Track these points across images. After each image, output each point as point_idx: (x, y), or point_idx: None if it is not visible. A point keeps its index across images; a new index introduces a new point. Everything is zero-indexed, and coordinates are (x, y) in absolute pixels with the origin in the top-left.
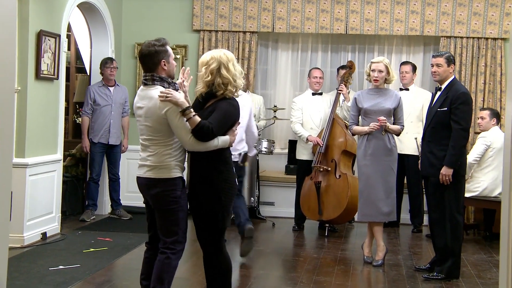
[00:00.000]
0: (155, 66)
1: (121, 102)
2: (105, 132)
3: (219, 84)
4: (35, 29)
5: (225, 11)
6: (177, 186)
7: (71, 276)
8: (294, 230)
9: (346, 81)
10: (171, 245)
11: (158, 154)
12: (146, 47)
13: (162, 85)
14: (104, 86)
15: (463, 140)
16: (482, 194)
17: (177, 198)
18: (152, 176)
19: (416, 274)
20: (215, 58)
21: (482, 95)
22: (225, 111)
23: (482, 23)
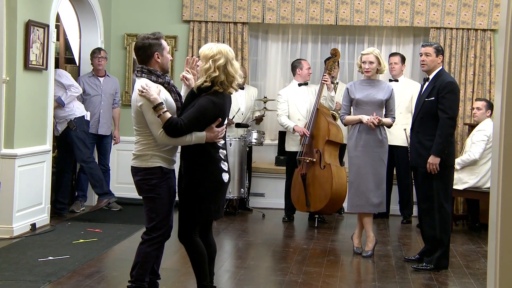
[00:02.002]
0: (148, 58)
1: (111, 92)
2: (95, 122)
3: (223, 81)
4: (23, 19)
5: (215, 2)
6: (154, 175)
7: (61, 267)
8: (284, 221)
9: (331, 69)
10: (149, 231)
11: (139, 143)
12: (140, 40)
13: (149, 78)
14: (94, 76)
15: (450, 129)
16: (476, 185)
17: (154, 186)
18: (135, 165)
19: (405, 264)
20: (223, 53)
21: (471, 87)
22: (201, 107)
23: (471, 14)
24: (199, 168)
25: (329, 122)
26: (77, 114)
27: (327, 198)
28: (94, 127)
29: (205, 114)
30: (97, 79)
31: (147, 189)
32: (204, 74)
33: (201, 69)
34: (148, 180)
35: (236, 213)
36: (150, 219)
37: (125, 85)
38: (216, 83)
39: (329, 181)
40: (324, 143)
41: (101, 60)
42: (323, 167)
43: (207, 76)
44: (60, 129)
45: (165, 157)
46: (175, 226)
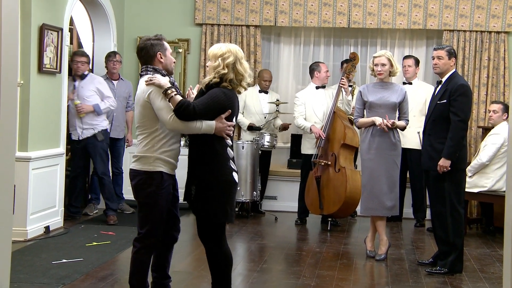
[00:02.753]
0: (151, 58)
1: (124, 96)
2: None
3: (232, 79)
4: (37, 23)
5: (227, 5)
6: (153, 181)
7: (74, 270)
8: (297, 224)
9: (349, 73)
10: (142, 238)
11: (141, 144)
12: (142, 41)
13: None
14: (108, 79)
15: (462, 132)
16: (491, 190)
17: (152, 193)
18: (135, 167)
19: (419, 268)
20: (232, 52)
21: (485, 89)
22: (214, 95)
23: (485, 17)
24: (208, 168)
25: (345, 125)
26: (104, 126)
27: (341, 201)
28: None
29: (217, 102)
30: (111, 82)
31: (145, 195)
32: (212, 71)
33: (209, 68)
34: (147, 186)
35: (248, 216)
36: (143, 225)
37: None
38: (225, 80)
39: (344, 184)
40: (340, 146)
41: (116, 63)
42: (338, 170)
43: (215, 73)
44: (83, 135)
45: (168, 161)
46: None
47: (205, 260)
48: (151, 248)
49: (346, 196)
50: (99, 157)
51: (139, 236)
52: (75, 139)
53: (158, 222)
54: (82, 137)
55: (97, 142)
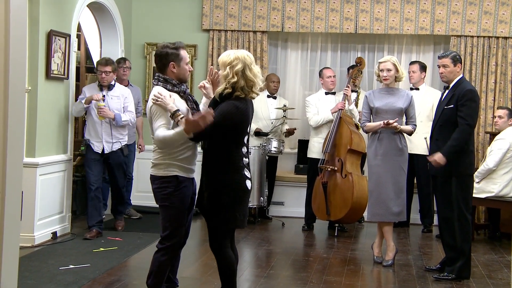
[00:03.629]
0: (164, 67)
1: (134, 102)
2: None
3: (243, 87)
4: (45, 29)
5: (235, 11)
6: (169, 184)
7: (81, 276)
8: (304, 230)
9: (355, 78)
10: (163, 240)
11: (156, 152)
12: (159, 48)
13: (164, 86)
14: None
15: (467, 136)
16: (498, 195)
17: (168, 195)
18: (152, 173)
19: (426, 274)
20: (240, 58)
21: (492, 95)
22: (222, 112)
23: (492, 22)
24: (223, 176)
25: (351, 131)
26: (127, 141)
27: (347, 207)
28: None
29: (227, 119)
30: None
31: (162, 198)
32: (223, 80)
33: (221, 77)
34: (163, 188)
35: (255, 222)
36: (164, 228)
37: (145, 94)
38: (237, 89)
39: (350, 190)
40: (346, 152)
41: (126, 70)
42: (344, 176)
43: (226, 83)
44: (112, 148)
45: (181, 165)
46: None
47: (212, 266)
48: (171, 250)
49: (353, 202)
50: (121, 171)
51: (162, 238)
52: (98, 151)
53: (177, 223)
54: (108, 151)
55: (122, 156)
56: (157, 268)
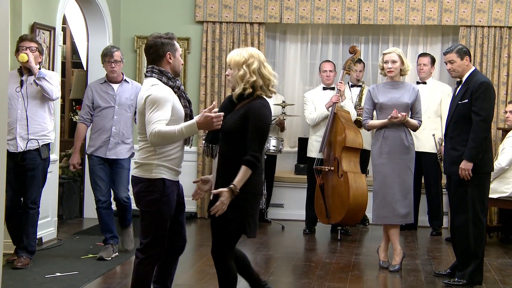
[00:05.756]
0: (160, 58)
1: (128, 103)
2: (105, 142)
3: (261, 85)
4: (28, 22)
5: (230, 1)
6: (156, 188)
7: (69, 284)
8: (305, 234)
9: (349, 69)
10: (145, 247)
11: (142, 150)
12: (152, 38)
13: (160, 78)
14: (106, 83)
15: (484, 132)
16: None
17: (153, 201)
18: (136, 174)
19: (435, 279)
20: (255, 56)
21: (505, 88)
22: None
23: (504, 11)
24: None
25: (345, 127)
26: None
27: (345, 208)
28: (103, 149)
29: (264, 121)
30: (109, 87)
31: (147, 203)
32: (240, 81)
33: (235, 78)
34: (149, 193)
35: None
36: (146, 235)
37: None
38: (257, 88)
39: (347, 190)
40: (342, 150)
41: (115, 64)
42: (341, 176)
43: (245, 82)
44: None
45: (170, 167)
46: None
47: (208, 273)
48: (155, 259)
49: (350, 203)
50: (36, 182)
51: (142, 246)
52: (14, 151)
53: (162, 231)
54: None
55: (39, 160)
56: (142, 280)
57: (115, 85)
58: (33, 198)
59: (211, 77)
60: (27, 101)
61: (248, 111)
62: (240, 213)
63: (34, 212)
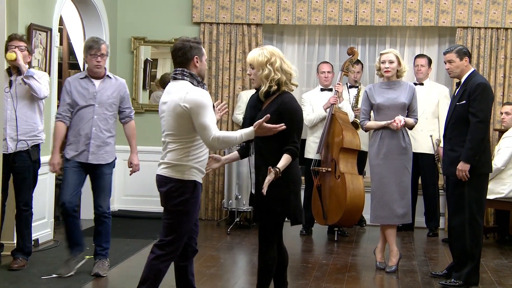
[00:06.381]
0: (187, 61)
1: (110, 101)
2: (83, 145)
3: (284, 81)
4: (25, 23)
5: (227, 2)
6: (187, 189)
7: (65, 285)
8: (302, 235)
9: (347, 70)
10: (164, 245)
11: (176, 152)
12: (180, 42)
13: (191, 82)
14: (87, 78)
15: (481, 134)
16: (508, 196)
17: (184, 202)
18: (166, 174)
19: (432, 280)
20: (276, 54)
21: (501, 90)
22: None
23: (501, 12)
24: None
25: (343, 128)
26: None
27: (342, 209)
28: (84, 154)
29: (298, 113)
30: (90, 83)
31: (176, 203)
32: (266, 80)
33: (259, 77)
34: (180, 193)
35: (250, 227)
36: (169, 233)
37: (133, 92)
38: (282, 84)
39: (344, 191)
40: (339, 151)
41: (101, 59)
42: (338, 177)
43: (270, 80)
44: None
45: (200, 169)
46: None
47: (205, 274)
48: (172, 257)
49: (347, 204)
50: (27, 184)
51: (162, 243)
52: (4, 152)
53: (186, 231)
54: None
55: (29, 163)
56: (155, 276)
57: (96, 81)
58: (25, 200)
59: (208, 78)
60: (16, 101)
61: (280, 107)
62: (287, 205)
63: (27, 214)
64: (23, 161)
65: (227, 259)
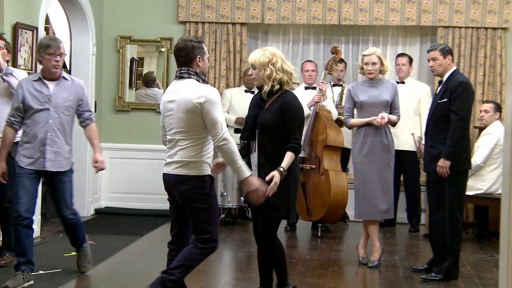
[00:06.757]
0: (190, 61)
1: (67, 104)
2: (37, 152)
3: (286, 81)
4: (11, 22)
5: (212, 2)
6: (206, 184)
7: (52, 282)
8: (286, 231)
9: (331, 69)
10: (207, 241)
11: (189, 149)
12: (183, 41)
13: (197, 80)
14: (40, 80)
15: (461, 131)
16: (488, 192)
17: (206, 196)
18: (181, 173)
19: (413, 275)
20: (277, 55)
21: (481, 88)
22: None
23: (481, 12)
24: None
25: (327, 126)
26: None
27: (325, 206)
28: (40, 161)
29: (302, 113)
30: (44, 85)
31: (200, 199)
32: (268, 79)
33: (261, 77)
34: (200, 189)
35: (236, 223)
36: (204, 231)
37: (118, 90)
38: (284, 84)
39: (328, 188)
40: (323, 148)
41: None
42: (322, 174)
43: (272, 80)
44: None
45: (210, 164)
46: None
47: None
48: (212, 251)
49: (330, 201)
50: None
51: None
52: None
53: (216, 224)
54: None
55: (9, 160)
56: (191, 264)
57: (50, 83)
58: (7, 197)
59: None
60: None
61: (283, 105)
62: (287, 200)
63: (12, 210)
64: None
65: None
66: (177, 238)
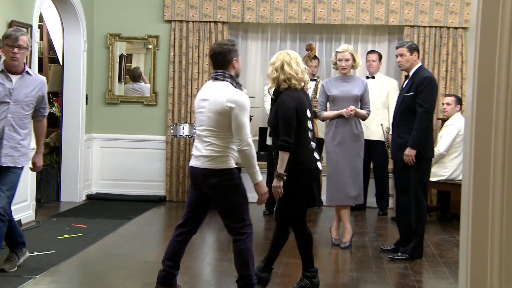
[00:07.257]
0: (227, 64)
1: (27, 100)
2: None
3: (284, 79)
4: (6, 20)
5: (196, 2)
6: (234, 175)
7: (46, 262)
8: (265, 215)
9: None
10: (241, 230)
11: (217, 145)
12: (219, 46)
13: (232, 83)
14: (3, 72)
15: (426, 122)
16: (450, 178)
17: (235, 186)
18: (211, 167)
19: (381, 255)
20: (279, 58)
21: (444, 82)
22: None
23: (444, 13)
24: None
25: None
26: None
27: None
28: None
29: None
30: (6, 78)
31: (229, 190)
32: (270, 79)
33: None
34: (230, 181)
35: None
36: (238, 219)
37: (108, 84)
38: (282, 81)
39: None
40: None
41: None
42: None
43: (273, 80)
44: None
45: (236, 158)
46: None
47: None
48: (251, 235)
49: None
50: None
51: (240, 228)
52: None
53: (248, 211)
54: None
55: None
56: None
57: (14, 76)
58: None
59: (179, 71)
60: None
61: (276, 104)
62: (297, 192)
63: None
64: None
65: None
66: (188, 221)
